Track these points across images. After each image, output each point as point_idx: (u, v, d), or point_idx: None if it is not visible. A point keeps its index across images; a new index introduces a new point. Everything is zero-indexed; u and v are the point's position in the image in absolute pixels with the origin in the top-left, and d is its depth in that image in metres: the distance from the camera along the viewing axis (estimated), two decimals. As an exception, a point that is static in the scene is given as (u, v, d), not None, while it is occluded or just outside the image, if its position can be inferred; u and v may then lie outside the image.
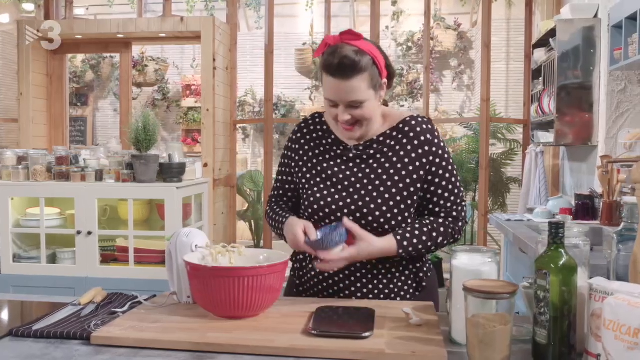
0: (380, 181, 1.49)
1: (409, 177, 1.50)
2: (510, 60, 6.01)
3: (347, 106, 1.44)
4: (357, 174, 1.51)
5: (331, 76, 1.41)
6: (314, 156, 1.58)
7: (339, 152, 1.56)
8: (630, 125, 3.20)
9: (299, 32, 6.60)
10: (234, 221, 4.91)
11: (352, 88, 1.41)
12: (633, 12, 2.70)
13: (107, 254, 3.39)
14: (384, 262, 1.51)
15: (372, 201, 1.47)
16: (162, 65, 6.88)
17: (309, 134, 1.61)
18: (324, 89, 1.47)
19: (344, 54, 1.39)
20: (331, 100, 1.45)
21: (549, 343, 1.07)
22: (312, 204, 1.52)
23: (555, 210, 3.16)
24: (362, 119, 1.46)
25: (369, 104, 1.45)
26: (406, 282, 1.55)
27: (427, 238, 1.49)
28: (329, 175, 1.54)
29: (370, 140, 1.54)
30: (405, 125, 1.53)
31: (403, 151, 1.51)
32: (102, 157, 3.47)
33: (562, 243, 1.08)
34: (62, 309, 1.41)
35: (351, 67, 1.39)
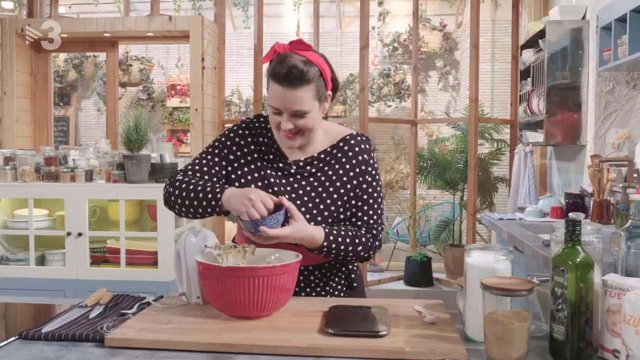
0: (317, 197, 1.52)
1: (345, 194, 1.54)
2: (496, 61, 6.08)
3: (291, 115, 1.45)
4: (296, 190, 1.53)
5: (278, 84, 1.42)
6: (254, 160, 1.56)
7: (280, 166, 1.55)
8: (618, 125, 3.25)
9: (284, 32, 6.59)
10: (222, 221, 4.88)
11: (298, 98, 1.42)
12: (622, 13, 2.75)
13: (97, 255, 3.34)
14: (320, 267, 1.58)
15: (306, 212, 1.50)
16: (146, 64, 6.81)
17: (254, 137, 1.58)
18: (268, 97, 1.47)
19: (293, 63, 1.40)
20: (275, 107, 1.45)
21: (567, 339, 1.08)
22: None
23: (546, 209, 3.20)
24: (304, 129, 1.47)
25: (312, 115, 1.46)
26: (339, 283, 1.61)
27: (350, 242, 1.50)
28: (270, 183, 1.53)
29: (311, 157, 1.56)
30: (345, 144, 1.57)
31: (342, 169, 1.55)
32: (91, 158, 3.43)
33: (579, 240, 1.09)
34: (68, 310, 1.39)
35: (298, 77, 1.40)
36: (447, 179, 4.79)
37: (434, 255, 4.81)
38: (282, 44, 1.46)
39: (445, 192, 5.00)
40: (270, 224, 1.36)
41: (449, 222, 4.92)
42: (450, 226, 4.87)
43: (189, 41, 4.45)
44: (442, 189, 4.97)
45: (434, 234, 4.87)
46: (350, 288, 1.63)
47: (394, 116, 6.37)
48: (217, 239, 1.45)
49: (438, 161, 4.82)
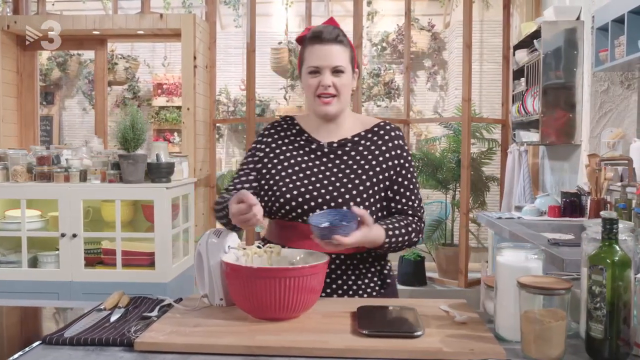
0: (352, 175, 1.55)
1: (379, 175, 1.57)
2: (484, 61, 6.12)
3: (330, 72, 1.53)
4: (330, 168, 1.56)
5: (318, 43, 1.53)
6: (286, 151, 1.61)
7: (312, 148, 1.60)
8: (612, 124, 3.30)
9: (272, 31, 6.55)
10: (214, 222, 4.84)
11: (337, 52, 1.53)
12: (620, 14, 2.78)
13: (91, 257, 3.28)
14: (352, 258, 1.55)
15: (344, 192, 1.52)
16: (132, 63, 6.72)
17: (282, 132, 1.65)
18: (307, 61, 1.55)
19: (329, 27, 1.56)
20: (315, 66, 1.53)
21: (606, 337, 1.08)
22: (284, 194, 1.53)
23: (543, 208, 3.23)
24: (341, 89, 1.54)
25: (346, 77, 1.55)
26: (372, 279, 1.59)
27: (405, 232, 1.54)
28: (302, 168, 1.57)
29: (344, 139, 1.61)
30: (379, 129, 1.63)
31: (377, 151, 1.59)
32: (84, 157, 3.36)
33: (616, 238, 1.09)
34: (88, 314, 1.35)
35: (337, 35, 1.54)
36: (439, 179, 4.81)
37: (425, 254, 4.82)
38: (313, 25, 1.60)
39: (437, 191, 5.02)
40: (344, 232, 1.34)
41: (441, 221, 4.94)
42: (442, 225, 4.89)
43: (180, 39, 4.39)
44: (434, 189, 4.98)
45: (425, 233, 4.89)
46: (382, 287, 1.60)
47: (384, 116, 6.37)
48: (239, 240, 1.43)
49: (430, 161, 4.83)
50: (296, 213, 1.52)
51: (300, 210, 1.51)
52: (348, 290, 1.54)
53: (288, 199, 1.52)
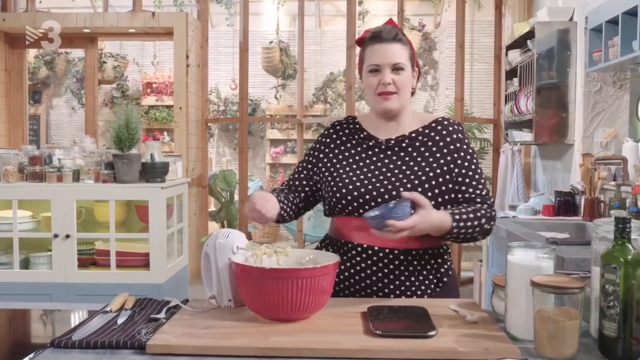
0: (411, 169, 1.55)
1: (439, 168, 1.56)
2: (474, 61, 6.15)
3: (391, 69, 1.54)
4: (387, 164, 1.57)
5: (378, 42, 1.55)
6: (345, 149, 1.64)
7: (371, 144, 1.62)
8: (605, 124, 3.33)
9: (263, 30, 6.54)
10: (206, 222, 4.81)
11: (397, 50, 1.54)
12: (614, 15, 2.81)
13: (84, 257, 3.23)
14: (406, 254, 1.52)
15: (400, 187, 1.51)
16: (121, 61, 6.67)
17: (342, 131, 1.68)
18: (367, 60, 1.57)
19: (390, 27, 1.58)
20: (376, 65, 1.54)
21: (619, 336, 1.09)
22: (342, 187, 1.55)
23: (537, 207, 3.25)
24: (401, 86, 1.55)
25: (407, 75, 1.56)
26: (427, 277, 1.55)
27: (475, 217, 1.50)
28: (359, 165, 1.59)
29: (402, 136, 1.61)
30: (438, 125, 1.63)
31: (435, 147, 1.59)
32: (77, 157, 3.31)
33: (629, 238, 1.10)
34: (94, 316, 1.33)
35: (397, 34, 1.56)
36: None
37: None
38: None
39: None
40: (398, 216, 1.30)
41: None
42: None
43: (171, 38, 4.36)
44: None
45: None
46: (438, 286, 1.56)
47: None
48: (247, 240, 1.42)
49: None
50: (352, 207, 1.53)
51: (356, 204, 1.52)
52: (401, 286, 1.51)
53: (344, 193, 1.53)
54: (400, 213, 1.31)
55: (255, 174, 6.48)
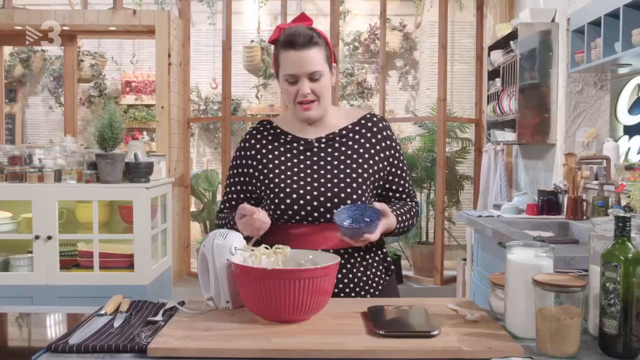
0: (348, 166, 1.55)
1: (372, 166, 1.58)
2: (455, 61, 6.20)
3: (308, 78, 1.51)
4: (325, 163, 1.56)
5: (291, 49, 1.49)
6: (274, 157, 1.59)
7: (301, 148, 1.59)
8: (586, 124, 3.38)
9: (244, 29, 6.49)
10: (188, 222, 4.76)
11: (311, 58, 1.49)
12: (596, 17, 2.85)
13: (67, 259, 3.17)
14: (358, 250, 1.57)
15: (343, 187, 1.52)
16: (99, 60, 6.55)
17: (264, 139, 1.63)
18: (282, 68, 1.53)
19: (301, 29, 1.51)
20: (292, 74, 1.51)
21: (620, 333, 1.10)
22: (283, 195, 1.51)
23: (521, 206, 3.29)
24: (320, 93, 1.53)
25: (325, 80, 1.53)
26: (378, 268, 1.61)
27: (410, 216, 1.62)
28: (295, 168, 1.56)
29: (332, 133, 1.60)
30: (367, 122, 1.64)
31: (367, 144, 1.60)
32: (58, 157, 3.25)
33: (629, 236, 1.12)
34: (89, 319, 1.30)
35: (309, 38, 1.49)
36: (414, 178, 4.85)
37: (399, 253, 4.86)
38: (286, 23, 1.56)
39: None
40: (372, 230, 1.42)
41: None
42: (417, 224, 4.94)
43: (153, 36, 4.31)
44: (408, 187, 5.02)
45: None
46: (387, 274, 1.63)
47: (356, 115, 6.39)
48: (245, 241, 1.40)
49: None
50: (300, 216, 1.51)
51: (304, 212, 1.51)
52: (359, 282, 1.54)
53: (289, 203, 1.51)
54: (373, 227, 1.42)
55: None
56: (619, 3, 2.62)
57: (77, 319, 1.38)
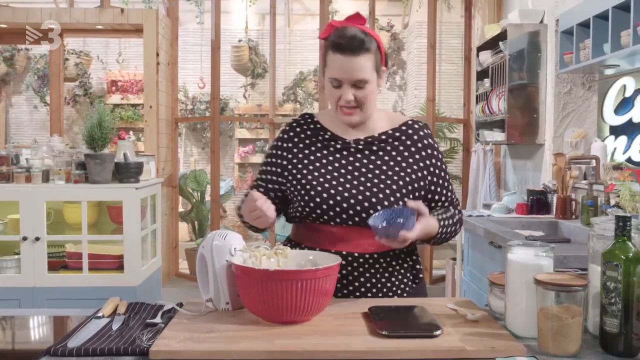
0: (384, 173, 1.51)
1: (413, 173, 1.54)
2: (442, 62, 6.23)
3: (352, 85, 1.46)
4: (360, 165, 1.52)
5: (340, 53, 1.43)
6: (310, 153, 1.56)
7: (338, 147, 1.55)
8: (575, 124, 3.42)
9: (231, 28, 6.47)
10: (177, 223, 4.73)
11: (359, 65, 1.44)
12: (585, 18, 2.88)
13: (55, 261, 3.14)
14: (384, 256, 1.52)
15: (377, 192, 1.48)
16: (84, 59, 6.48)
17: (303, 133, 1.59)
18: (328, 69, 1.47)
19: (353, 32, 1.43)
20: (336, 79, 1.46)
21: (621, 332, 1.11)
22: (314, 193, 1.49)
23: (511, 206, 3.31)
24: (363, 101, 1.48)
25: (370, 87, 1.48)
26: (405, 275, 1.56)
27: (453, 223, 1.58)
28: (330, 167, 1.52)
29: (372, 137, 1.56)
30: (408, 128, 1.59)
31: (407, 152, 1.56)
32: (45, 157, 3.21)
33: (629, 235, 1.13)
34: (87, 322, 1.28)
35: (360, 44, 1.43)
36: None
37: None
38: (339, 20, 1.48)
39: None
40: (409, 227, 1.34)
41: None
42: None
43: (141, 35, 4.27)
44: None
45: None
46: (415, 282, 1.59)
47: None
48: (244, 242, 1.39)
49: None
50: (328, 216, 1.48)
51: (332, 213, 1.47)
52: (382, 288, 1.51)
53: (318, 202, 1.48)
54: (411, 224, 1.35)
55: (224, 174, 6.40)
56: (608, 5, 2.65)
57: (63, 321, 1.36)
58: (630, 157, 3.00)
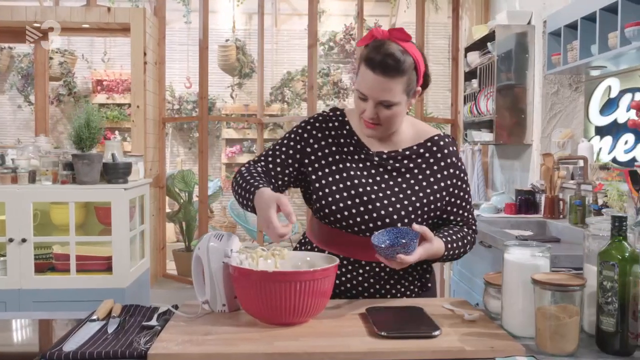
0: (402, 194, 1.47)
1: (432, 194, 1.49)
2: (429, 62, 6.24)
3: (377, 104, 1.41)
4: (379, 183, 1.48)
5: (370, 70, 1.38)
6: (332, 153, 1.51)
7: (362, 157, 1.51)
8: (562, 125, 3.45)
9: (218, 28, 6.43)
10: (164, 223, 4.69)
11: (388, 88, 1.38)
12: (573, 20, 2.91)
13: (42, 262, 3.09)
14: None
15: (392, 212, 1.45)
16: (68, 58, 6.40)
17: (330, 130, 1.54)
18: (358, 81, 1.43)
19: (390, 51, 1.37)
20: (363, 93, 1.41)
21: (617, 331, 1.12)
22: (328, 205, 1.45)
23: (500, 205, 3.34)
24: (387, 121, 1.44)
25: (398, 108, 1.43)
26: (412, 282, 1.54)
27: (462, 244, 1.52)
28: (351, 176, 1.48)
29: (396, 152, 1.52)
30: (433, 145, 1.53)
31: (429, 170, 1.51)
32: (32, 157, 3.16)
33: (625, 235, 1.14)
34: (81, 325, 1.27)
35: (393, 66, 1.37)
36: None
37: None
38: (382, 29, 1.41)
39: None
40: (407, 251, 1.32)
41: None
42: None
43: (128, 34, 4.23)
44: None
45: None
46: (423, 288, 1.57)
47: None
48: (240, 243, 1.38)
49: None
50: (340, 225, 1.46)
51: (345, 222, 1.45)
52: (386, 294, 1.50)
53: (333, 210, 1.45)
54: (411, 248, 1.33)
55: (211, 174, 6.37)
56: (595, 7, 2.68)
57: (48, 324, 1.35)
58: (615, 157, 3.04)
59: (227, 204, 6.44)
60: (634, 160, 2.88)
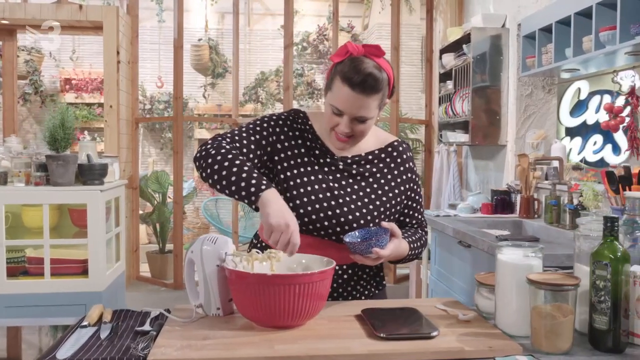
0: (367, 197, 1.52)
1: (393, 197, 1.56)
2: (402, 63, 6.31)
3: (352, 119, 1.43)
4: (345, 187, 1.52)
5: (349, 88, 1.38)
6: (300, 155, 1.52)
7: (327, 161, 1.54)
8: (535, 126, 3.53)
9: (191, 27, 6.36)
10: (137, 225, 4.62)
11: (366, 105, 1.41)
12: (547, 24, 2.98)
13: (14, 266, 3.01)
14: (353, 267, 1.54)
15: (359, 217, 1.49)
16: (35, 56, 6.24)
17: (297, 131, 1.54)
18: (333, 96, 1.42)
19: (369, 71, 1.38)
20: (338, 109, 1.42)
21: (610, 329, 1.15)
22: (296, 207, 1.46)
23: (476, 205, 3.39)
24: (359, 134, 1.47)
25: (371, 122, 1.47)
26: (369, 282, 1.60)
27: (420, 244, 1.60)
28: (317, 181, 1.50)
29: (359, 156, 1.56)
30: (393, 150, 1.60)
31: (390, 174, 1.58)
32: (3, 158, 3.07)
33: (617, 236, 1.17)
34: (73, 331, 1.24)
35: (372, 85, 1.39)
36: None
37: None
38: (356, 45, 1.41)
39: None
40: (382, 245, 1.38)
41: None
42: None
43: (100, 33, 4.15)
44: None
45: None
46: (379, 286, 1.63)
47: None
48: (234, 246, 1.37)
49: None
50: (307, 228, 1.46)
51: (311, 226, 1.46)
52: (347, 296, 1.54)
53: (301, 213, 1.46)
54: (384, 242, 1.39)
55: (184, 175, 6.30)
56: (569, 11, 2.74)
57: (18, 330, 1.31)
58: (584, 157, 3.12)
59: (200, 204, 6.37)
60: (602, 160, 2.96)
